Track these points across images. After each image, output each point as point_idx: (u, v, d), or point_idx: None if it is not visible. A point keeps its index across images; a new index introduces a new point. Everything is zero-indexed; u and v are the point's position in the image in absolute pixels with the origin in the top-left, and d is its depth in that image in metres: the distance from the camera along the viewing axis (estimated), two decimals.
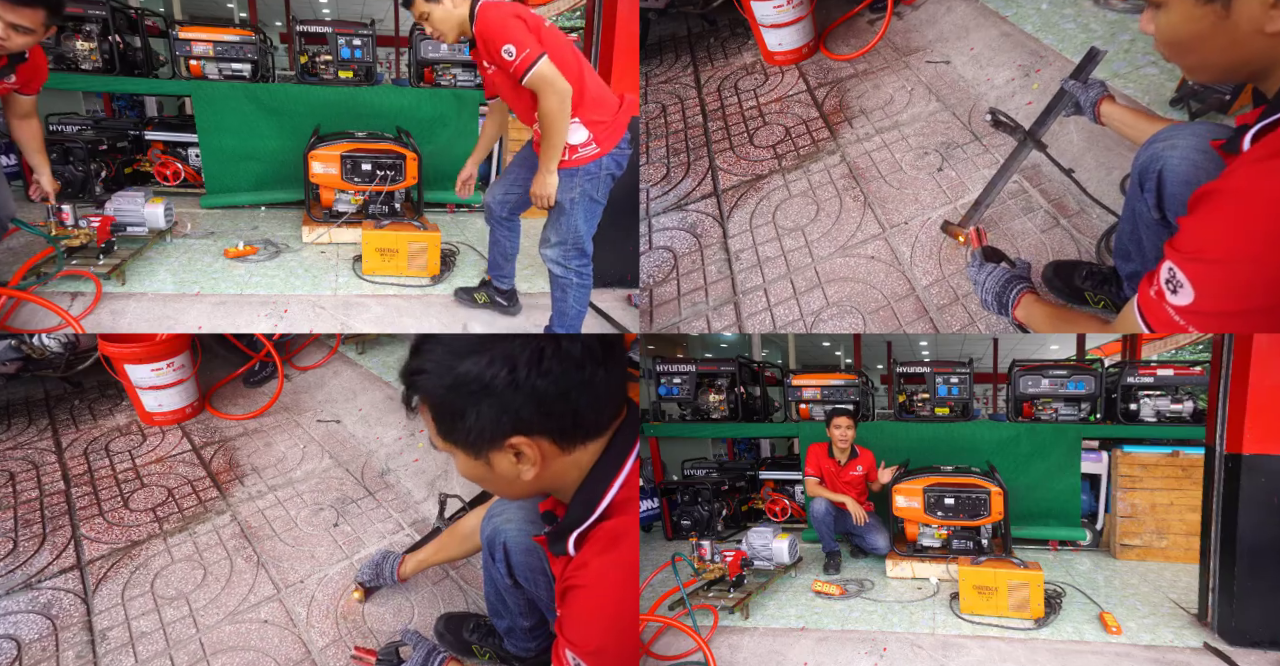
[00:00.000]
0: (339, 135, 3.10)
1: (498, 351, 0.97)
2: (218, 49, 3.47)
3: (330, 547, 2.22)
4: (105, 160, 3.57)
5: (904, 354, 7.43)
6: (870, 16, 3.27)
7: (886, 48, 3.14)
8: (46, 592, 1.97)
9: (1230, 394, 2.16)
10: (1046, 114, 1.98)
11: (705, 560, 2.61)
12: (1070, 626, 2.34)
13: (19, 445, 2.76)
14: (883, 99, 2.93)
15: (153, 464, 2.67)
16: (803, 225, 2.50)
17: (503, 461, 1.02)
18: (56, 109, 3.83)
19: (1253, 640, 2.14)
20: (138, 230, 2.87)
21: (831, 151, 2.76)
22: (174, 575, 2.07)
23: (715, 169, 2.84)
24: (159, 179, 3.68)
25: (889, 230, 2.38)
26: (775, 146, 2.86)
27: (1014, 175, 2.18)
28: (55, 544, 2.19)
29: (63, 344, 2.75)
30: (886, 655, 2.18)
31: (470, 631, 1.82)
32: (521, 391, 0.97)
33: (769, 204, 2.63)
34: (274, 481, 2.58)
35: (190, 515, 2.37)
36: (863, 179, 2.59)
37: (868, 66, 3.11)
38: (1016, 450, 3.37)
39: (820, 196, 2.57)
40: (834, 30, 3.31)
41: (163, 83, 3.71)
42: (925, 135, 2.69)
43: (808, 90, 3.09)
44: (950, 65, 2.94)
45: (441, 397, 1.00)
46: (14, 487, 2.48)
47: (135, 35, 3.63)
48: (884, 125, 2.81)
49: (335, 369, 3.46)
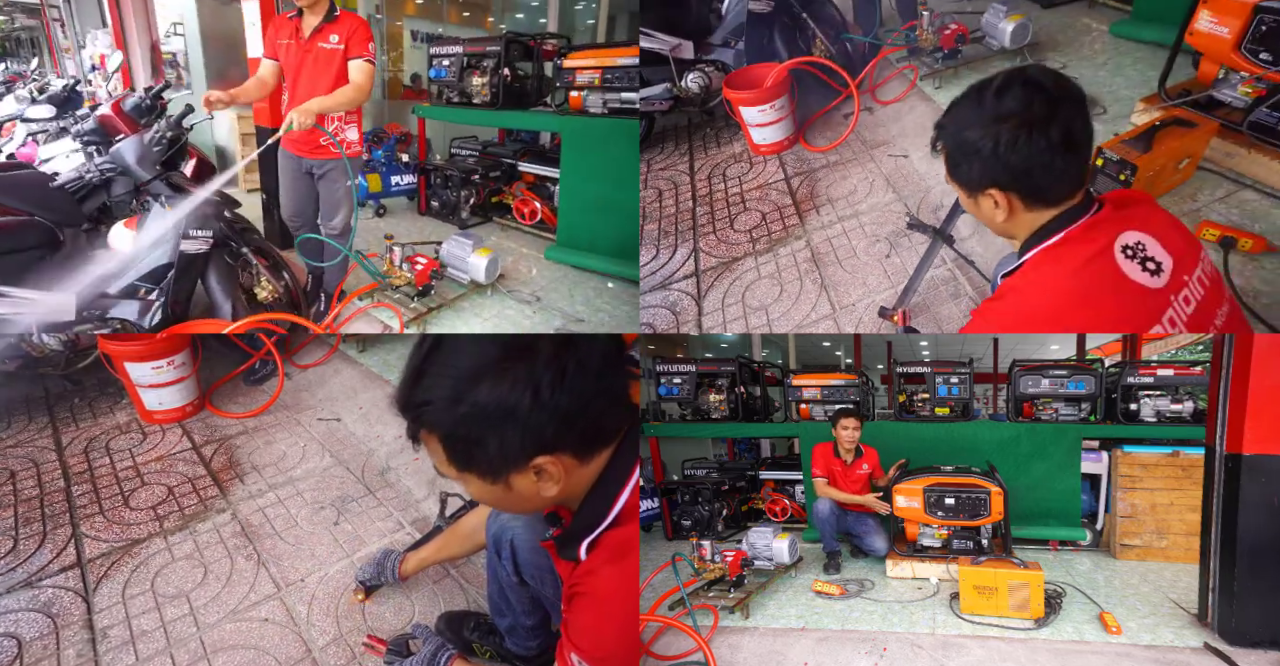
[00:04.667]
0: (925, 470, 3.02)
1: (517, 373, 0.91)
2: (824, 392, 3.49)
3: (331, 546, 2.22)
4: (476, 188, 3.74)
5: (904, 354, 7.43)
6: (845, 111, 3.53)
7: (856, 140, 3.41)
8: (47, 591, 1.97)
9: (1230, 394, 2.16)
10: (951, 213, 2.33)
11: (705, 560, 2.61)
12: (1070, 626, 2.34)
13: (19, 443, 2.76)
14: (848, 189, 3.20)
15: (153, 462, 2.67)
16: (767, 304, 2.75)
17: (523, 481, 0.98)
18: (690, 455, 4.32)
19: (1253, 640, 2.14)
20: (459, 275, 2.82)
21: (799, 236, 3.03)
22: (174, 573, 2.07)
23: (698, 250, 3.05)
24: (516, 215, 3.69)
25: (839, 310, 2.64)
26: (751, 231, 3.11)
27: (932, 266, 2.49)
28: (56, 542, 2.19)
29: (63, 342, 2.75)
30: (886, 655, 2.18)
31: (471, 630, 1.82)
32: (545, 412, 0.92)
33: (740, 284, 2.86)
34: (274, 480, 2.57)
35: (190, 513, 2.36)
36: (822, 263, 2.85)
37: (839, 157, 3.39)
38: (1016, 450, 3.37)
39: (785, 277, 2.84)
40: (813, 123, 3.60)
41: (775, 425, 3.91)
42: (879, 224, 2.94)
43: (785, 179, 3.37)
44: (908, 159, 3.19)
45: (455, 428, 0.93)
46: (14, 485, 2.47)
47: (756, 385, 3.79)
48: (845, 213, 3.07)
49: (336, 367, 3.46)
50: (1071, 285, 1.13)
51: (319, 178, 3.00)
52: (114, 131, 2.86)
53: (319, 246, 3.11)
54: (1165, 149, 2.28)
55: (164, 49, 6.13)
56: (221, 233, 2.55)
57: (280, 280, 2.81)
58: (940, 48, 3.49)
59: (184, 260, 2.36)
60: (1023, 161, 1.09)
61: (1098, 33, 3.44)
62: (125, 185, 2.49)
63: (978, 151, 1.12)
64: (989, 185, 1.15)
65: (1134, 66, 3.12)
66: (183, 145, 2.53)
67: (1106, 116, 2.84)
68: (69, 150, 3.26)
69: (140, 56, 6.26)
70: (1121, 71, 3.11)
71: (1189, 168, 2.44)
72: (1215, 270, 1.24)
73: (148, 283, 2.34)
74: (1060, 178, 1.12)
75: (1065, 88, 1.10)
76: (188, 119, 2.59)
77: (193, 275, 2.44)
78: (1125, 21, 3.37)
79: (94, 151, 2.89)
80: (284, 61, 2.91)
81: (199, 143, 4.59)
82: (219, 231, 2.51)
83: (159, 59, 6.22)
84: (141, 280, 2.32)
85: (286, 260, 3.00)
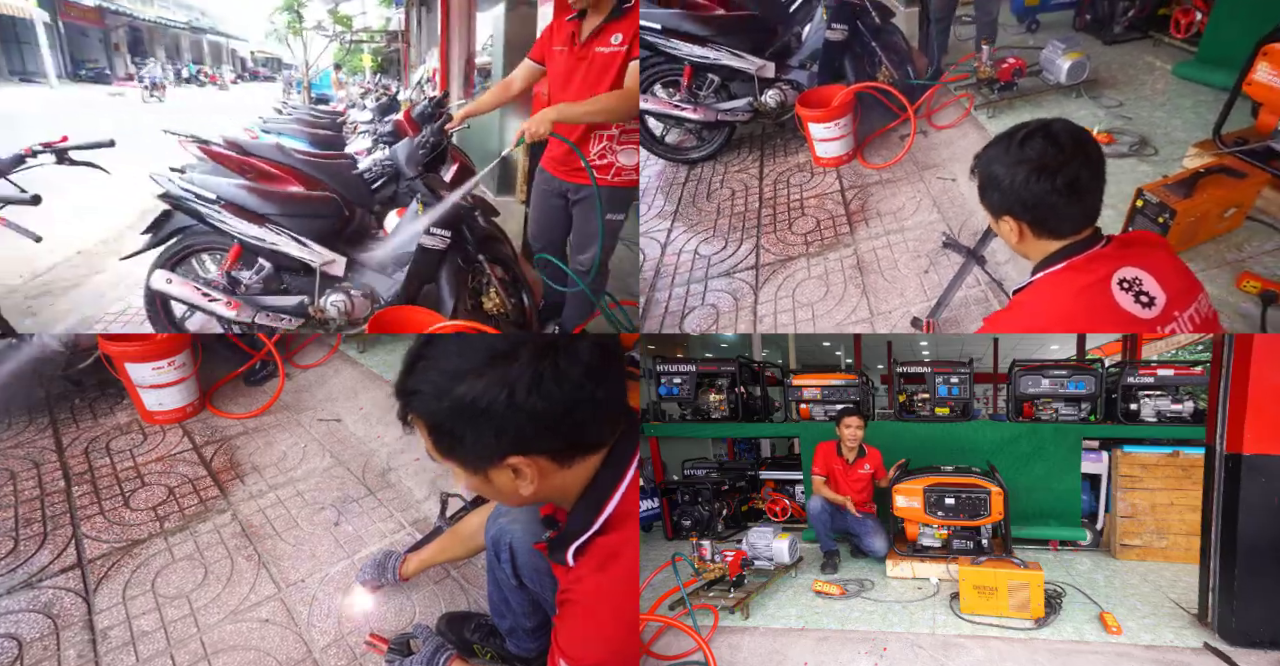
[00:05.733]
0: (925, 470, 3.05)
1: (495, 374, 0.95)
2: (824, 392, 3.73)
3: (331, 546, 2.22)
4: (727, 499, 3.91)
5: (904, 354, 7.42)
6: (901, 133, 3.83)
7: (909, 161, 3.66)
8: (47, 591, 1.97)
9: (1230, 394, 2.16)
10: (984, 236, 2.46)
11: (705, 560, 2.61)
12: (1070, 626, 2.34)
13: (20, 443, 2.76)
14: (897, 205, 3.39)
15: (153, 462, 2.67)
16: (813, 302, 2.98)
17: (501, 477, 1.02)
18: (690, 455, 4.54)
19: (1253, 640, 2.14)
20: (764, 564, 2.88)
21: (847, 244, 3.24)
22: (175, 574, 2.07)
23: (759, 247, 3.38)
24: (769, 514, 3.87)
25: (876, 316, 2.83)
26: (806, 235, 3.38)
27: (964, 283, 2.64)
28: (56, 542, 2.19)
29: (63, 342, 2.75)
30: (887, 655, 2.18)
31: (472, 631, 1.82)
32: (519, 414, 0.95)
33: (791, 281, 3.10)
34: (275, 480, 2.58)
35: (191, 514, 2.37)
36: (865, 271, 3.06)
37: (891, 176, 3.63)
38: (1017, 450, 3.37)
39: (831, 280, 3.07)
40: (871, 142, 3.89)
41: (775, 425, 4.06)
42: (921, 241, 3.10)
43: (840, 190, 3.66)
44: (955, 182, 3.35)
45: (437, 419, 0.99)
46: (15, 486, 2.48)
47: (756, 385, 4.07)
48: (892, 228, 3.26)
49: (336, 367, 3.46)
50: (1069, 307, 1.31)
51: (573, 203, 2.65)
52: (404, 134, 3.25)
53: (563, 274, 2.80)
54: (1208, 196, 2.24)
55: (478, 61, 6.58)
56: (461, 235, 2.74)
57: (512, 296, 2.91)
58: (997, 79, 3.71)
59: (420, 253, 2.63)
60: (1032, 199, 1.28)
61: (1160, 72, 3.48)
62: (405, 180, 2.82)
63: (999, 184, 1.32)
64: (1005, 213, 1.34)
65: (1193, 109, 3.10)
66: (442, 150, 2.72)
67: (1157, 158, 2.81)
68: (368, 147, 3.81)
69: (457, 69, 6.69)
70: (1179, 113, 3.10)
71: (1237, 217, 2.39)
72: (1212, 313, 1.40)
73: (394, 265, 2.68)
74: (1064, 216, 1.30)
75: (1080, 143, 1.27)
76: (449, 127, 2.72)
77: (428, 268, 2.69)
78: (1189, 63, 3.32)
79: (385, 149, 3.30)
80: (552, 70, 2.55)
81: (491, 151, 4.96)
82: (459, 233, 2.72)
83: (471, 70, 6.63)
84: (391, 262, 2.67)
85: (531, 282, 2.95)
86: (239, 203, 2.54)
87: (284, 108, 7.37)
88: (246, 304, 2.62)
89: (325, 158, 3.13)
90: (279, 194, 2.63)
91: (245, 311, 2.61)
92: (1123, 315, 1.29)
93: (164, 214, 2.64)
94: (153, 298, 2.71)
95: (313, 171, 2.85)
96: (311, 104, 10.86)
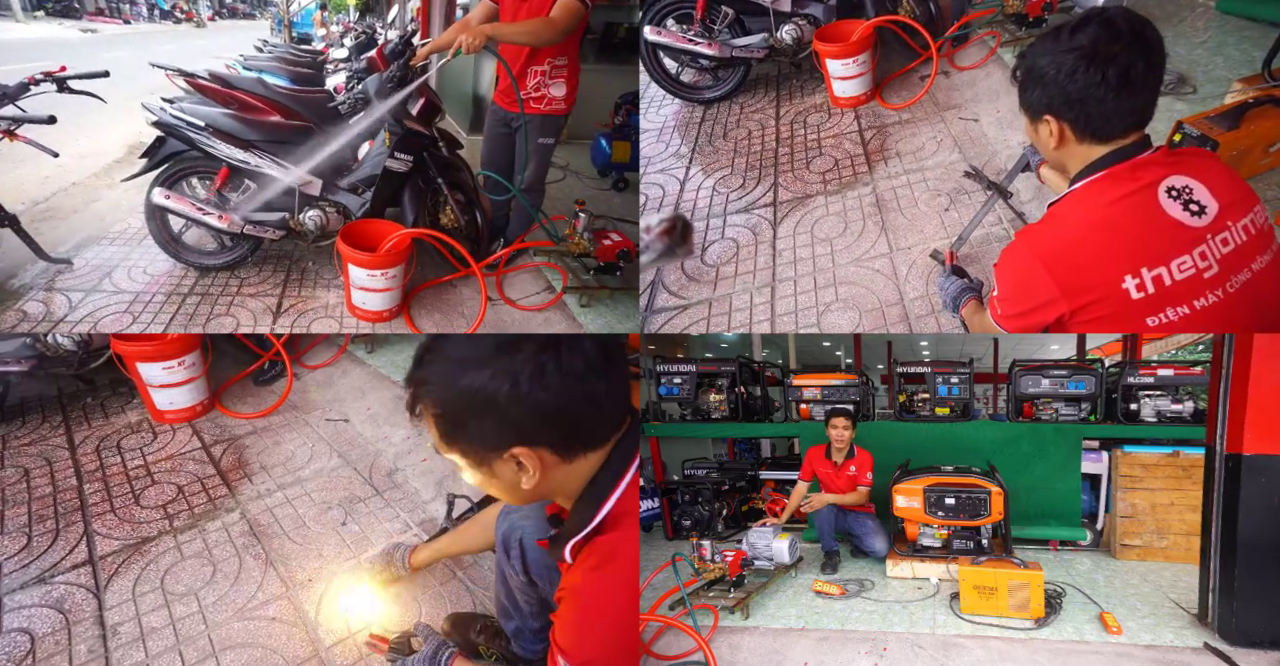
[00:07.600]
0: (925, 470, 3.05)
1: (501, 364, 0.98)
2: (824, 392, 3.77)
3: (338, 546, 2.25)
4: (727, 499, 3.92)
5: (904, 354, 7.41)
6: (922, 73, 3.70)
7: (929, 101, 3.57)
8: (59, 587, 2.01)
9: (1230, 394, 2.16)
10: (1013, 171, 2.39)
11: (705, 560, 2.62)
12: (1070, 626, 2.35)
13: (33, 441, 2.80)
14: (916, 145, 3.35)
15: (163, 461, 2.71)
16: (832, 237, 2.98)
17: (504, 469, 1.04)
18: (690, 455, 4.55)
19: (1253, 640, 2.14)
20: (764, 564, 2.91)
21: (866, 183, 3.23)
22: (184, 572, 2.10)
23: (777, 185, 3.40)
24: (769, 515, 3.83)
25: (895, 252, 2.81)
26: (824, 173, 3.38)
27: (990, 223, 2.66)
28: (68, 539, 2.22)
29: (76, 342, 2.79)
30: (887, 655, 2.20)
31: (477, 632, 1.82)
32: (523, 404, 0.98)
33: (810, 218, 3.13)
34: (283, 480, 2.61)
35: (200, 512, 2.40)
36: (885, 209, 3.04)
37: (910, 116, 3.56)
38: (1017, 450, 3.38)
39: (850, 217, 3.06)
40: (890, 82, 3.78)
41: (776, 425, 4.10)
42: (942, 180, 3.07)
43: (859, 130, 3.60)
44: (978, 123, 3.30)
45: (444, 408, 1.02)
46: (28, 483, 2.52)
47: (756, 385, 4.11)
48: (911, 167, 3.22)
49: (344, 368, 3.49)
50: (1104, 213, 1.20)
51: (514, 130, 3.02)
52: (376, 70, 3.42)
53: (504, 189, 3.20)
54: (1254, 129, 2.11)
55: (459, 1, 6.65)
56: (423, 161, 3.02)
57: (466, 215, 3.18)
58: (1026, 15, 3.50)
59: (386, 174, 2.94)
60: (1078, 92, 1.17)
61: (1203, 8, 3.26)
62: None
63: (1042, 78, 1.20)
64: (1046, 111, 1.23)
65: (1238, 46, 2.91)
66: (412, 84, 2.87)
67: (1195, 97, 2.66)
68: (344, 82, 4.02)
69: (439, 9, 6.80)
70: (1222, 50, 2.91)
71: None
72: (1269, 225, 1.27)
73: (364, 185, 2.99)
74: (1111, 114, 1.18)
75: (1138, 31, 1.16)
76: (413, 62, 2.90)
77: (392, 187, 3.00)
78: None
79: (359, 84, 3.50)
80: (502, 5, 2.86)
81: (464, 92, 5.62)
82: (420, 159, 3.01)
83: (453, 10, 6.72)
84: (360, 182, 2.99)
85: (484, 203, 3.24)
86: (226, 129, 2.81)
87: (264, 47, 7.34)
88: (235, 217, 2.87)
89: (303, 92, 3.43)
90: (261, 123, 2.91)
91: (234, 224, 2.87)
92: (1169, 222, 1.19)
93: (158, 140, 2.87)
94: (153, 212, 2.93)
95: (291, 104, 3.09)
96: (293, 43, 10.99)
